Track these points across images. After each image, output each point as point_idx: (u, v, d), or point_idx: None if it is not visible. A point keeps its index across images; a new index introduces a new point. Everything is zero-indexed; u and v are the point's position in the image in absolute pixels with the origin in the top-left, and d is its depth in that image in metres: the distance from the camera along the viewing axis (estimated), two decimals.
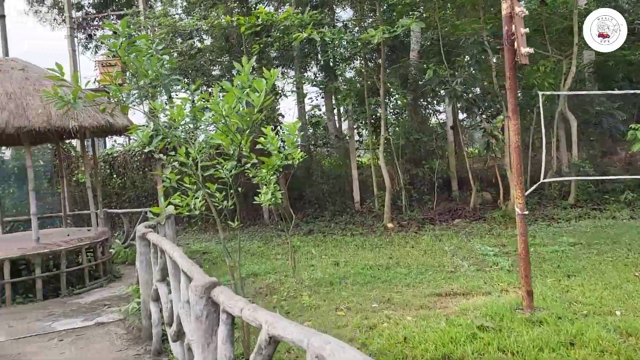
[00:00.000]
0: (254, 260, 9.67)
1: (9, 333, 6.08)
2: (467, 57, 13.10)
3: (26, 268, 7.68)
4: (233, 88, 4.32)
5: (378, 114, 14.05)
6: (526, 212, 5.26)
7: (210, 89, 11.88)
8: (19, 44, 42.20)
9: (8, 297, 7.45)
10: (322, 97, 17.94)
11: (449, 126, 15.95)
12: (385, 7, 12.57)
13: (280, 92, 15.25)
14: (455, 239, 9.94)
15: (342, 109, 17.41)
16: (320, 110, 18.20)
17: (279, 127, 11.36)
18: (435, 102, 17.22)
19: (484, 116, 13.21)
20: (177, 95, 11.04)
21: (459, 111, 16.38)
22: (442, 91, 13.57)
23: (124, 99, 4.91)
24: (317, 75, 17.48)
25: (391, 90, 15.40)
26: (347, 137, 16.23)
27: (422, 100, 16.76)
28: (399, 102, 16.27)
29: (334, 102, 16.83)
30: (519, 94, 13.26)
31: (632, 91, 11.18)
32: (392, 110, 16.34)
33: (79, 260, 8.47)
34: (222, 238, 5.21)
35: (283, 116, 15.06)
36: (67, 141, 16.06)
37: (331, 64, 14.82)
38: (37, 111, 7.38)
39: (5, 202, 15.51)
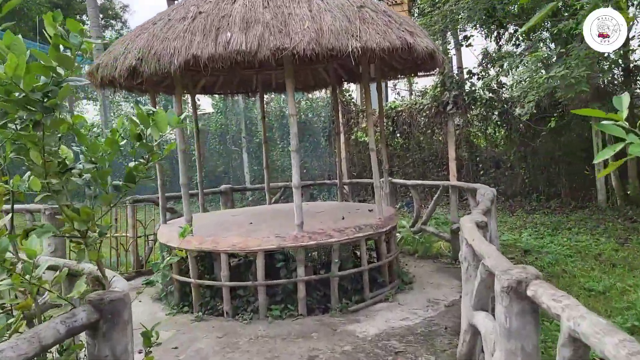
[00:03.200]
0: (603, 270, 5.60)
1: None
2: None
3: (285, 266, 5.22)
4: None
5: None
6: None
7: None
8: None
9: (262, 305, 5.14)
10: None
11: None
12: None
13: None
14: None
15: None
16: None
17: None
18: None
19: None
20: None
21: None
22: None
23: None
24: None
25: None
26: None
27: None
28: None
29: None
30: None
31: None
32: None
33: (357, 255, 5.75)
34: None
35: None
36: (347, 94, 14.01)
37: None
38: (302, 25, 4.62)
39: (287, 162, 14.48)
